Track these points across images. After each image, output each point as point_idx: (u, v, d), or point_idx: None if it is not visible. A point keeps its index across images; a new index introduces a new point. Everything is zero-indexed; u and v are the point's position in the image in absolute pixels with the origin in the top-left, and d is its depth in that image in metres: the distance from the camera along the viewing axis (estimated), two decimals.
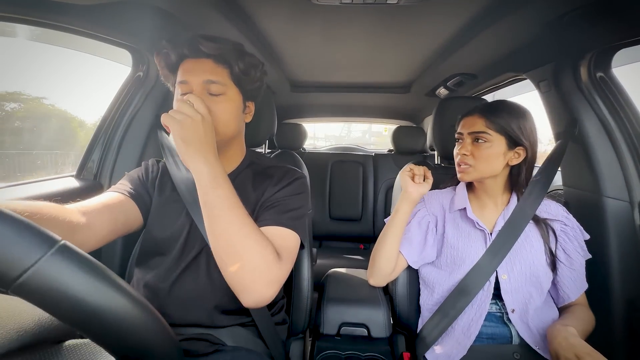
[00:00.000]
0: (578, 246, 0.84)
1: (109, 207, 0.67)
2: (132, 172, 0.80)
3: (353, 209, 2.13)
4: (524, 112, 0.82)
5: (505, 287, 0.82)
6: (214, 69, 0.68)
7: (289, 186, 0.74)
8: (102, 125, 1.12)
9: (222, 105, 0.69)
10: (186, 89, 0.68)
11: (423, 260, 0.91)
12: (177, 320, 0.70)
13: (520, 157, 0.82)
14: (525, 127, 0.81)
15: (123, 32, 0.93)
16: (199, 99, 0.62)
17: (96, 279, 0.31)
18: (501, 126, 0.80)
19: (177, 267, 0.71)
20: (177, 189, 0.75)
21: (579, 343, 0.65)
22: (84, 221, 0.60)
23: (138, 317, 0.32)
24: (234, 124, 0.72)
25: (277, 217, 0.68)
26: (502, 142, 0.81)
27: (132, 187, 0.75)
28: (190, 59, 0.69)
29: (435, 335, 0.84)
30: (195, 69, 0.68)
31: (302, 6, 0.88)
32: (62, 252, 0.29)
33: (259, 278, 0.58)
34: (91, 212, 0.63)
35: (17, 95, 1.49)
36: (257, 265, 0.58)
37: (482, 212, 0.89)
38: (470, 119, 0.84)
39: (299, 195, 0.74)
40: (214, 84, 0.68)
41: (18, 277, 0.27)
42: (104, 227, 0.64)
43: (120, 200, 0.71)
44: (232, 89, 0.71)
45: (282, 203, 0.71)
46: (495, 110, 0.82)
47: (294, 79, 1.76)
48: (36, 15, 0.75)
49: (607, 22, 0.80)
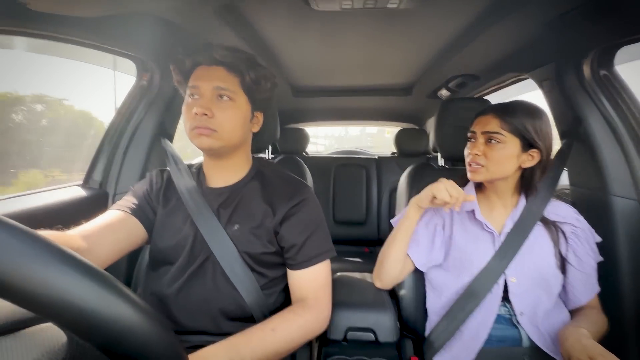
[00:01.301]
0: (589, 249, 0.82)
1: (111, 227, 0.69)
2: (137, 187, 0.80)
3: (357, 213, 2.13)
4: (540, 113, 0.80)
5: (514, 290, 0.81)
6: (225, 77, 0.70)
7: (304, 207, 0.75)
8: (107, 134, 1.14)
9: (230, 111, 0.69)
10: (196, 93, 0.69)
11: (430, 262, 0.90)
12: (184, 328, 0.70)
13: (534, 159, 0.80)
14: (541, 129, 0.78)
15: (127, 42, 0.94)
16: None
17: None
18: (516, 127, 0.77)
19: (183, 275, 0.71)
20: (181, 197, 0.76)
21: (591, 345, 0.64)
22: (85, 246, 0.61)
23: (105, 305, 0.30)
24: (240, 131, 0.73)
25: (303, 258, 0.72)
26: (516, 144, 0.78)
27: (135, 202, 0.76)
28: (203, 66, 0.71)
29: (444, 339, 0.82)
30: (207, 76, 0.70)
31: (302, 12, 0.89)
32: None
33: (310, 338, 0.70)
34: (92, 235, 0.65)
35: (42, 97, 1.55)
36: (302, 342, 0.68)
37: (490, 213, 0.87)
38: (484, 118, 0.82)
39: (314, 211, 0.77)
40: (223, 91, 0.69)
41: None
42: (106, 249, 0.66)
43: (121, 218, 0.72)
44: (241, 97, 0.71)
45: (303, 232, 0.73)
46: (511, 111, 0.79)
47: (295, 84, 1.77)
48: (42, 29, 0.77)
49: (609, 20, 0.80)
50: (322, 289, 0.73)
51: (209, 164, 0.78)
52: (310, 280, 0.73)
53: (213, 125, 0.67)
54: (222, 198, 0.76)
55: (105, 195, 1.12)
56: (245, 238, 0.72)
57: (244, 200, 0.76)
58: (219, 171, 0.78)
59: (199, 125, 0.67)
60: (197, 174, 0.81)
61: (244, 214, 0.74)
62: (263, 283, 0.74)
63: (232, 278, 0.70)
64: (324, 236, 0.76)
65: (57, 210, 0.94)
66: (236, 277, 0.70)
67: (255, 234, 0.72)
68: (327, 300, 0.74)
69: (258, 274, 0.73)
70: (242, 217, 0.74)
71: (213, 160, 0.77)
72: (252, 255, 0.72)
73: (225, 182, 0.77)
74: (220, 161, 0.76)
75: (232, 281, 0.70)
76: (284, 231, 0.73)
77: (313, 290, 0.72)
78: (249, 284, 0.71)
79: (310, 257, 0.72)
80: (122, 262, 1.06)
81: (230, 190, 0.77)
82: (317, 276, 0.73)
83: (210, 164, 0.78)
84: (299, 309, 0.69)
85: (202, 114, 0.66)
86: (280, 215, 0.73)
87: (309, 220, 0.75)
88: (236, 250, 0.71)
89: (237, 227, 0.73)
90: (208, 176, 0.79)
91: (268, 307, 0.73)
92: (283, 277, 0.78)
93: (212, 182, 0.78)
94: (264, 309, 0.72)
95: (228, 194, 0.76)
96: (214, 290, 0.71)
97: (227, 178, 0.78)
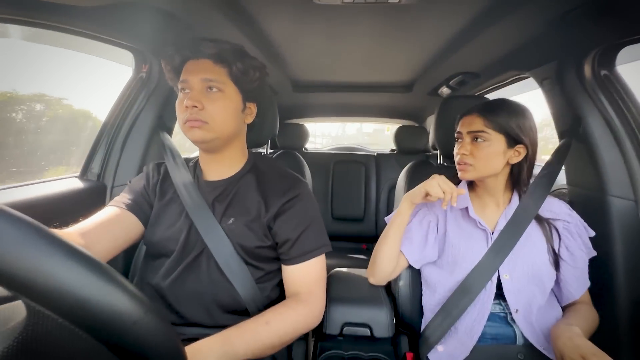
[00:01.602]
0: (581, 243, 0.83)
1: (107, 224, 0.70)
2: (133, 182, 0.81)
3: (355, 209, 2.13)
4: (522, 110, 0.82)
5: (508, 287, 0.81)
6: (212, 68, 0.70)
7: (298, 203, 0.75)
8: (105, 126, 1.13)
9: (220, 102, 0.69)
10: (186, 87, 0.70)
11: (424, 259, 0.91)
12: (179, 320, 0.70)
13: (520, 155, 0.81)
14: (525, 125, 0.80)
15: (126, 33, 0.94)
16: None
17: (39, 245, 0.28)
18: (500, 125, 0.79)
19: (177, 267, 0.72)
20: (177, 190, 0.76)
21: (583, 343, 0.65)
22: (83, 243, 0.63)
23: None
24: (232, 122, 0.72)
25: (297, 253, 0.73)
26: (502, 141, 0.80)
27: (132, 198, 0.76)
28: (192, 60, 0.71)
29: (438, 335, 0.83)
30: (195, 69, 0.70)
31: (303, 6, 0.88)
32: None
33: (303, 332, 0.70)
34: (89, 232, 0.66)
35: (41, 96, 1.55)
36: (296, 336, 0.68)
37: (483, 211, 0.88)
38: (468, 118, 0.84)
39: (308, 206, 0.76)
40: (212, 82, 0.69)
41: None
42: (103, 246, 0.67)
43: (118, 215, 0.73)
44: (230, 87, 0.71)
45: (297, 227, 0.73)
46: (494, 109, 0.81)
47: (296, 79, 1.76)
48: (39, 17, 0.76)
49: (610, 20, 0.80)
50: (315, 283, 0.74)
51: (205, 158, 0.79)
52: (304, 275, 0.73)
53: (204, 117, 0.67)
54: (218, 192, 0.76)
55: (104, 187, 1.12)
56: (240, 231, 0.72)
57: (239, 194, 0.76)
58: (214, 165, 0.78)
59: (190, 118, 0.67)
60: (193, 168, 0.81)
61: (239, 208, 0.74)
62: (258, 277, 0.74)
63: (226, 271, 0.70)
64: (318, 231, 0.76)
65: (56, 201, 0.94)
66: (230, 270, 0.71)
67: (250, 227, 0.73)
68: (321, 295, 0.75)
69: (253, 267, 0.74)
70: (237, 211, 0.74)
71: (208, 154, 0.77)
72: (246, 249, 0.72)
73: (220, 176, 0.78)
74: (215, 154, 0.76)
75: (227, 274, 0.70)
76: (277, 226, 0.73)
77: (307, 285, 0.73)
78: (243, 277, 0.71)
79: (304, 252, 0.73)
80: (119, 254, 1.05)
81: (226, 183, 0.77)
82: (311, 271, 0.73)
83: (206, 158, 0.78)
84: (293, 303, 0.70)
85: (192, 106, 0.66)
86: (274, 210, 0.73)
87: (303, 216, 0.75)
88: (230, 244, 0.71)
89: (232, 221, 0.73)
90: (204, 170, 0.79)
91: (262, 300, 0.74)
92: (278, 271, 0.78)
93: (207, 176, 0.79)
94: (258, 302, 0.72)
95: (223, 187, 0.76)
96: (209, 283, 0.71)
97: (223, 171, 0.78)
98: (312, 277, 0.74)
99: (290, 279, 0.74)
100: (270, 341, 0.64)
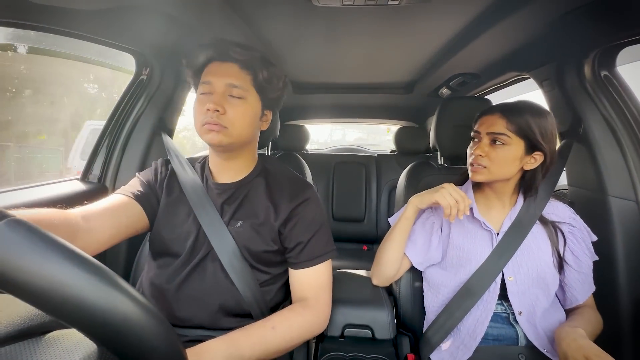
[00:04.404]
0: (585, 248, 0.83)
1: (112, 210, 0.68)
2: (142, 174, 0.80)
3: (356, 210, 2.13)
4: (546, 113, 0.78)
5: (512, 289, 0.81)
6: (238, 74, 0.70)
7: (308, 207, 0.75)
8: (106, 129, 1.13)
9: (241, 108, 0.69)
10: (208, 89, 0.69)
11: (428, 261, 0.90)
12: (182, 321, 0.70)
13: (536, 162, 0.79)
14: (547, 130, 0.77)
15: (127, 36, 0.94)
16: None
17: (55, 256, 0.29)
18: (522, 128, 0.76)
19: (184, 269, 0.71)
20: (184, 190, 0.76)
21: (587, 344, 0.65)
22: (85, 225, 0.61)
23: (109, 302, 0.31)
24: (249, 129, 0.73)
25: (307, 257, 0.73)
26: (521, 146, 0.77)
27: (139, 189, 0.75)
28: (217, 62, 0.71)
29: (441, 336, 0.83)
30: (220, 72, 0.70)
31: (303, 8, 0.88)
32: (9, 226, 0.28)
33: (308, 338, 0.71)
34: (93, 216, 0.64)
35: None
36: (301, 341, 0.68)
37: (488, 212, 0.87)
38: (489, 117, 0.80)
39: (317, 211, 0.77)
40: (235, 88, 0.69)
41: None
42: (106, 230, 0.65)
43: (124, 202, 0.71)
44: (252, 95, 0.72)
45: (307, 232, 0.74)
46: (517, 111, 0.77)
47: (296, 81, 1.76)
48: (41, 21, 0.76)
49: (611, 20, 0.80)
50: (323, 289, 0.74)
51: (216, 160, 0.78)
52: (312, 280, 0.73)
53: (224, 122, 0.67)
54: (227, 194, 0.76)
55: (104, 189, 1.12)
56: (248, 235, 0.72)
57: (248, 197, 0.76)
58: (225, 167, 0.77)
59: (210, 121, 0.67)
60: (201, 169, 0.81)
61: (247, 211, 0.74)
62: (263, 280, 0.74)
63: (231, 274, 0.70)
64: (326, 236, 0.76)
65: (57, 203, 0.94)
66: (235, 273, 0.70)
67: (257, 231, 0.73)
68: (328, 300, 0.75)
69: (258, 271, 0.74)
70: (245, 214, 0.74)
71: (220, 157, 0.76)
72: (252, 253, 0.72)
73: (231, 179, 0.77)
74: (227, 158, 0.76)
75: (231, 277, 0.70)
76: (288, 231, 0.73)
77: (314, 290, 0.73)
78: (247, 280, 0.71)
79: (314, 256, 0.73)
80: (122, 249, 1.06)
81: (236, 186, 0.77)
82: (319, 276, 0.74)
83: (217, 160, 0.78)
84: (300, 308, 0.70)
85: (214, 110, 0.66)
86: (284, 215, 0.73)
87: (312, 220, 0.75)
88: (237, 247, 0.71)
89: (240, 224, 0.73)
90: (214, 172, 0.79)
91: (266, 304, 0.74)
92: (282, 275, 0.78)
93: (217, 178, 0.78)
94: (262, 306, 0.72)
95: (233, 190, 0.76)
96: (214, 286, 0.71)
97: (233, 174, 0.78)
98: (319, 282, 0.74)
99: (298, 283, 0.74)
100: (276, 346, 0.64)
